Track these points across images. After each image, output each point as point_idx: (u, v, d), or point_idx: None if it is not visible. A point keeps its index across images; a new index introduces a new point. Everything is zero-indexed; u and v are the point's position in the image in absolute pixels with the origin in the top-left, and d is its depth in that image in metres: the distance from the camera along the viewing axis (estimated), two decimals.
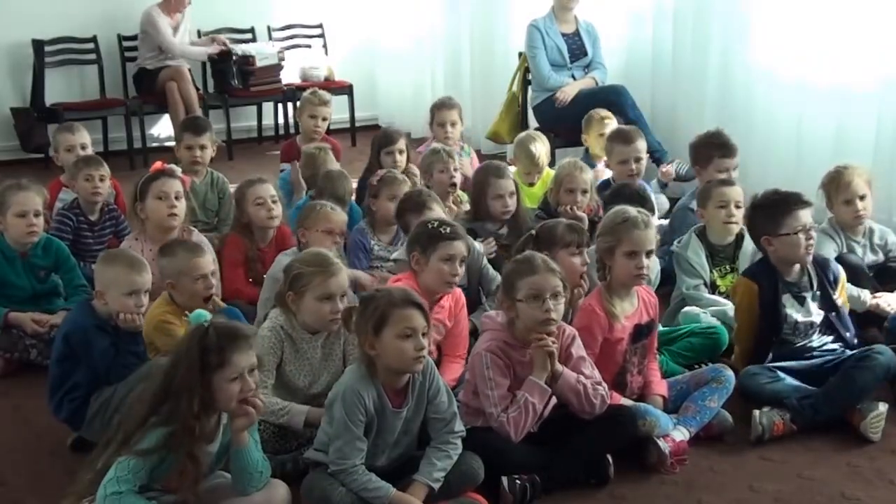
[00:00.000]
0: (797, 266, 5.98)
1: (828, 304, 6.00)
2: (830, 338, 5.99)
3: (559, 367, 5.07)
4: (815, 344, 5.95)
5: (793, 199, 5.95)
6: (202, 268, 5.86)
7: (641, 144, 8.00)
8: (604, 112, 9.28)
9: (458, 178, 7.90)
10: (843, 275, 6.20)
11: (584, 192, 7.36)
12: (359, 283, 6.61)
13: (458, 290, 6.06)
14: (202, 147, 8.23)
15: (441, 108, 9.29)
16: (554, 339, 5.05)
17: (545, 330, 5.04)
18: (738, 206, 6.85)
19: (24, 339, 6.60)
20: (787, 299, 5.93)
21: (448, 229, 5.85)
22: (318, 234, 6.53)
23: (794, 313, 5.93)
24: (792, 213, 5.87)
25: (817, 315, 5.97)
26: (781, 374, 5.77)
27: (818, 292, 5.99)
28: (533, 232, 6.04)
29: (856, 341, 6.02)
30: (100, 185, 7.65)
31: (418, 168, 8.16)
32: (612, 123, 9.01)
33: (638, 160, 7.94)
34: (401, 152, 8.48)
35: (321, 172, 7.95)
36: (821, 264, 6.09)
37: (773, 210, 5.95)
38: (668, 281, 6.97)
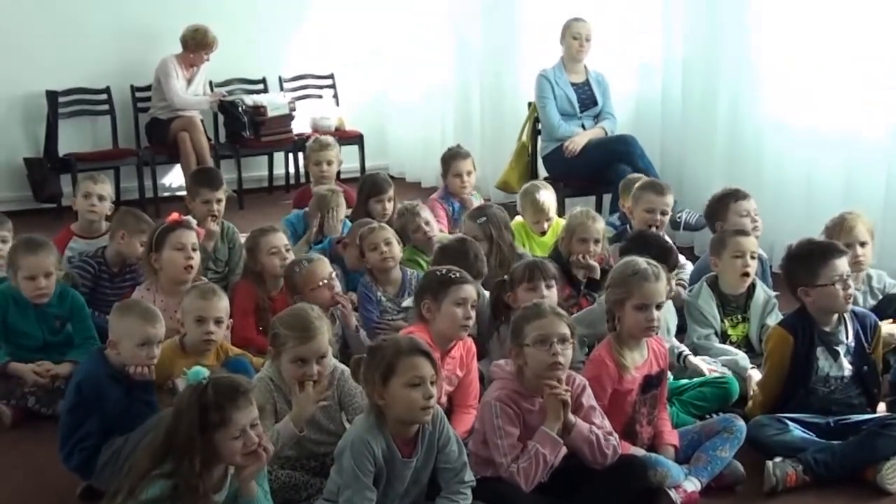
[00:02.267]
0: (835, 316, 5.96)
1: (861, 357, 5.97)
2: (857, 390, 5.97)
3: (572, 417, 5.06)
4: (838, 396, 5.93)
5: (829, 249, 5.94)
6: (204, 311, 5.87)
7: (670, 199, 7.98)
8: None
9: (432, 231, 7.94)
10: (880, 327, 6.17)
11: (597, 241, 7.36)
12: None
13: (469, 340, 6.05)
14: (218, 200, 8.22)
15: (455, 158, 9.26)
16: (567, 387, 5.05)
17: (553, 375, 5.04)
18: (752, 257, 6.85)
19: (21, 386, 6.57)
20: (820, 352, 5.90)
21: (457, 274, 5.88)
22: (313, 293, 6.56)
23: (827, 366, 5.91)
24: (829, 263, 5.84)
25: (848, 369, 5.94)
26: (791, 426, 5.74)
27: (853, 344, 5.96)
28: (506, 277, 6.25)
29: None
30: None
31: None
32: None
33: (664, 213, 7.92)
34: (389, 200, 8.55)
35: (333, 215, 8.04)
36: (858, 316, 6.06)
37: (809, 260, 5.92)
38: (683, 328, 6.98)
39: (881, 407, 6.10)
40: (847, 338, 5.96)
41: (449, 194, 9.06)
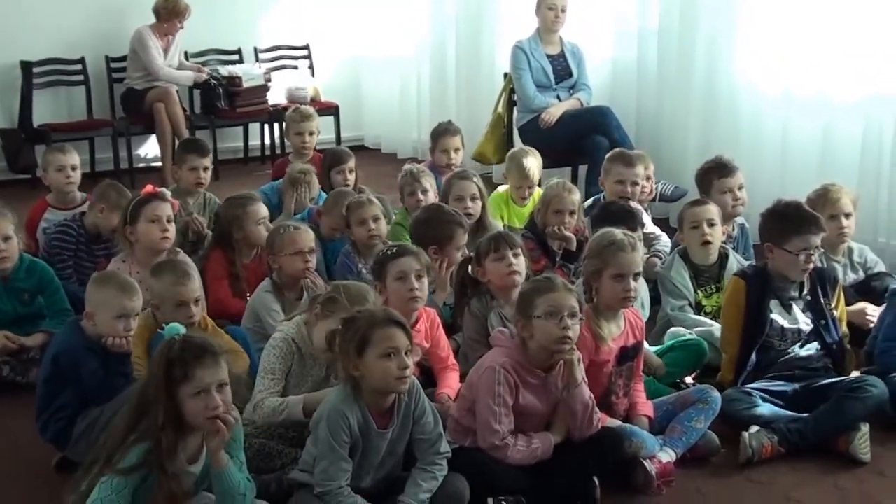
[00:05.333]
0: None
1: (818, 311, 6.01)
2: (816, 345, 6.02)
3: (580, 375, 5.08)
4: (802, 353, 5.98)
5: (809, 221, 5.96)
6: (184, 296, 5.80)
7: (641, 170, 7.95)
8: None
9: (425, 200, 7.87)
10: (839, 284, 6.22)
11: (572, 213, 7.35)
12: None
13: (433, 312, 6.10)
14: (205, 168, 8.32)
15: (444, 134, 9.24)
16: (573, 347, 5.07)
17: (561, 349, 5.04)
18: (711, 225, 6.88)
19: None
20: (774, 305, 5.96)
21: (394, 249, 5.91)
22: (288, 258, 6.52)
23: (781, 319, 5.96)
24: (802, 235, 5.88)
25: (804, 323, 5.99)
26: (759, 400, 5.77)
27: (808, 297, 6.00)
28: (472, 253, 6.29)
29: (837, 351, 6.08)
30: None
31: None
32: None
33: (635, 184, 7.89)
34: (350, 171, 8.60)
35: (304, 192, 8.08)
36: (818, 271, 6.11)
37: (786, 223, 5.97)
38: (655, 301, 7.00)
39: (854, 375, 6.11)
40: (803, 292, 6.00)
41: (434, 168, 9.05)
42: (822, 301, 6.03)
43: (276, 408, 5.16)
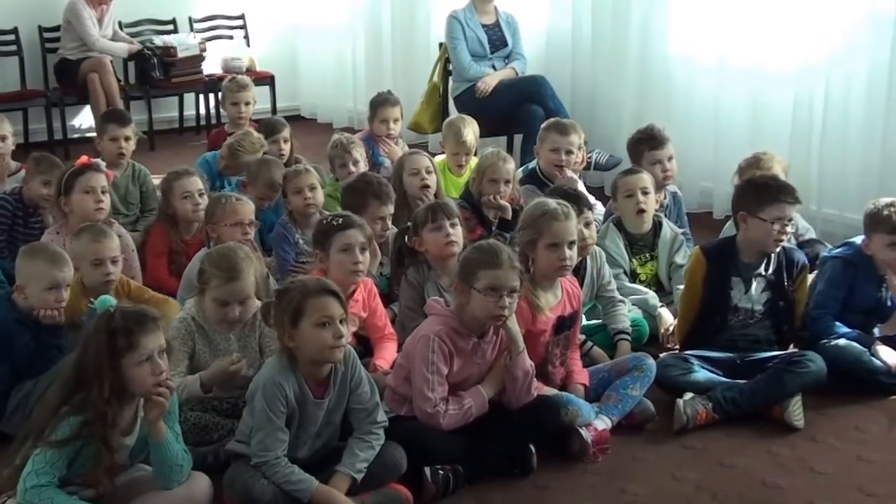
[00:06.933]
0: (758, 252, 6.03)
1: (778, 292, 6.04)
2: (770, 328, 6.07)
3: (521, 342, 5.13)
4: (750, 331, 6.04)
5: (785, 192, 5.97)
6: (99, 253, 5.83)
7: (576, 139, 7.95)
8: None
9: (356, 171, 7.85)
10: (806, 270, 6.21)
11: (507, 182, 7.36)
12: None
13: (370, 282, 6.10)
14: (126, 138, 8.22)
15: (384, 104, 9.19)
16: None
17: (493, 323, 5.09)
18: (645, 193, 6.92)
19: None
20: (735, 282, 5.99)
21: (340, 220, 5.87)
22: (227, 228, 6.50)
23: (738, 297, 5.99)
24: (778, 204, 5.88)
25: (759, 302, 6.02)
26: (696, 367, 5.83)
27: (773, 277, 6.03)
28: (409, 223, 6.31)
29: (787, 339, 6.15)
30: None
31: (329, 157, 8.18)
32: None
33: (569, 153, 7.89)
34: (285, 141, 8.59)
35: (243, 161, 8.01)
36: (787, 252, 6.12)
37: (762, 192, 5.97)
38: None
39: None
40: (767, 271, 6.03)
41: (372, 138, 9.01)
42: (786, 283, 6.06)
43: (175, 389, 5.12)
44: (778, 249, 6.01)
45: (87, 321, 5.38)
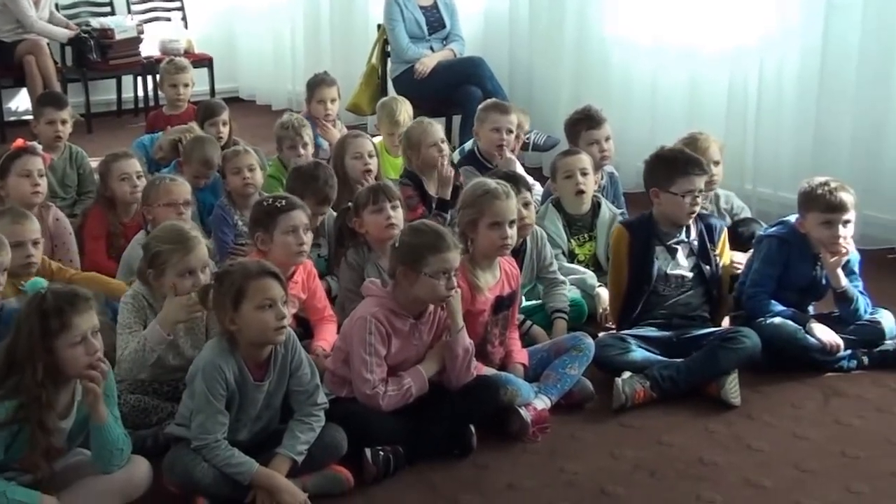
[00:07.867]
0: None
1: (704, 256, 6.10)
2: (702, 296, 6.13)
3: (461, 320, 5.18)
4: (683, 300, 6.09)
5: (693, 163, 6.03)
6: (19, 235, 5.77)
7: (514, 118, 7.99)
8: None
9: (306, 153, 7.89)
10: (725, 232, 6.29)
11: (443, 141, 7.49)
12: None
13: (310, 263, 6.11)
14: (63, 121, 8.15)
15: (321, 84, 9.19)
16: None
17: (440, 305, 5.15)
18: (584, 174, 6.96)
19: None
20: (659, 251, 6.04)
21: (283, 202, 5.87)
22: (162, 209, 6.44)
23: (665, 265, 6.04)
24: (688, 177, 5.95)
25: (686, 268, 6.08)
26: (633, 346, 5.88)
27: (696, 242, 6.09)
28: (350, 204, 6.31)
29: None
30: None
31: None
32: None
33: (510, 132, 7.89)
34: (224, 123, 8.53)
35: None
36: (704, 218, 6.20)
37: (671, 166, 6.03)
38: None
39: (725, 322, 6.25)
40: (689, 237, 6.09)
41: (310, 119, 9.01)
42: (708, 247, 6.12)
43: (138, 346, 5.12)
44: (691, 221, 6.08)
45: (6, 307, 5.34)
